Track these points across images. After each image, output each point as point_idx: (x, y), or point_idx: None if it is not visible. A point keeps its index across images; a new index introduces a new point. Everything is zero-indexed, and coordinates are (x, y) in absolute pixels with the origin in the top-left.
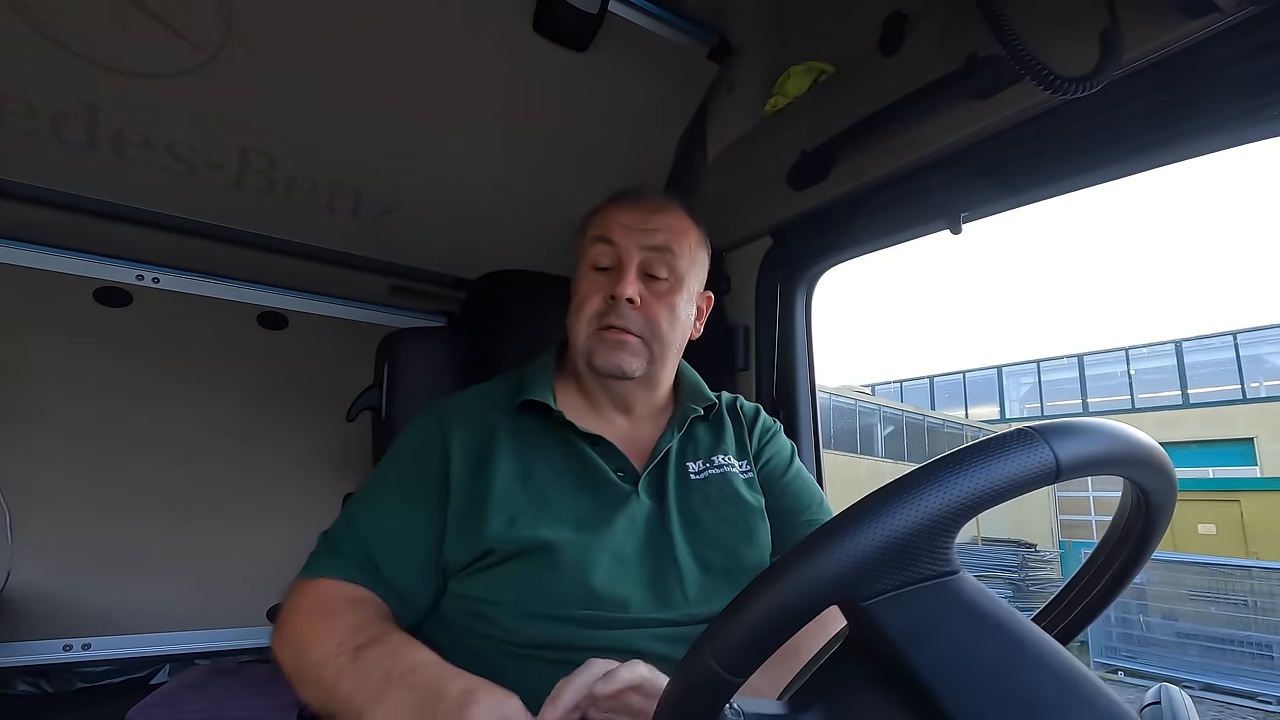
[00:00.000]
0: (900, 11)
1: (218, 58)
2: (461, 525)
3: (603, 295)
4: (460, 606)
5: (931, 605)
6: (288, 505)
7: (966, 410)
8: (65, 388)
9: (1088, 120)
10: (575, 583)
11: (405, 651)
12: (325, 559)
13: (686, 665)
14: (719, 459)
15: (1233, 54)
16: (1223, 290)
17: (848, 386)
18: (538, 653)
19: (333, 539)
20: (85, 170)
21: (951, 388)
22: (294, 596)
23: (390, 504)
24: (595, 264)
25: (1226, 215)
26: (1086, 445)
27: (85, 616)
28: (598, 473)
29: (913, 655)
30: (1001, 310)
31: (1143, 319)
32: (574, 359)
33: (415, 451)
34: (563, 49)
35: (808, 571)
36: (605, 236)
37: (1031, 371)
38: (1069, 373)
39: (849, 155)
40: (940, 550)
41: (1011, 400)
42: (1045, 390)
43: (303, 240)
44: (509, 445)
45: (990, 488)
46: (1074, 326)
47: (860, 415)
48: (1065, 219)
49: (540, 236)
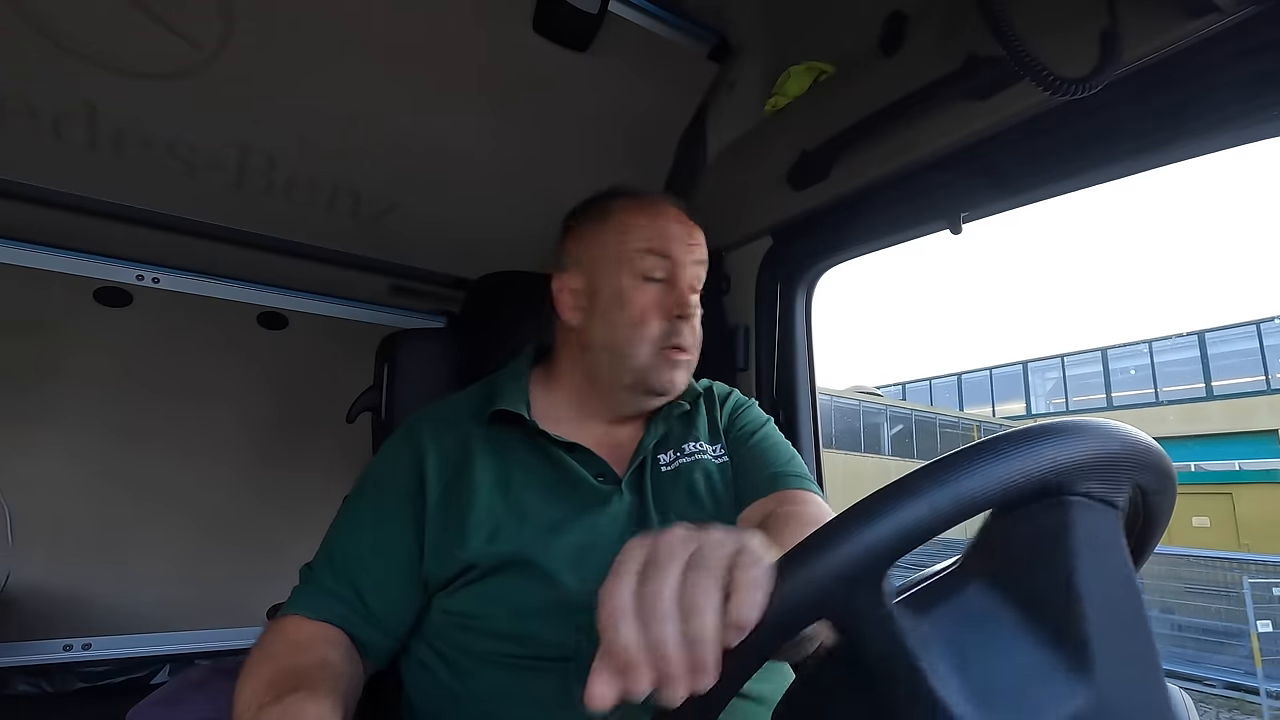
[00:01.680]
0: (900, 11)
1: (218, 58)
2: (441, 541)
3: (663, 312)
4: (445, 620)
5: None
6: (288, 505)
7: (994, 407)
8: (65, 387)
9: (1088, 120)
10: (561, 590)
11: (292, 714)
12: (300, 593)
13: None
14: (689, 446)
15: (1233, 54)
16: (1246, 279)
17: (858, 388)
18: (526, 662)
19: (313, 569)
20: (85, 170)
21: (979, 385)
22: (260, 635)
23: (365, 526)
24: (648, 275)
25: (1250, 205)
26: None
27: (85, 616)
28: (577, 480)
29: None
30: (1027, 305)
31: (1166, 310)
32: (608, 375)
33: (388, 470)
34: (563, 49)
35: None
36: (665, 251)
37: (1056, 366)
38: (1094, 367)
39: (849, 155)
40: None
41: (1037, 395)
42: (1070, 385)
43: (303, 240)
44: (485, 457)
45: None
46: (1098, 319)
47: (865, 415)
48: (1085, 212)
49: (540, 236)
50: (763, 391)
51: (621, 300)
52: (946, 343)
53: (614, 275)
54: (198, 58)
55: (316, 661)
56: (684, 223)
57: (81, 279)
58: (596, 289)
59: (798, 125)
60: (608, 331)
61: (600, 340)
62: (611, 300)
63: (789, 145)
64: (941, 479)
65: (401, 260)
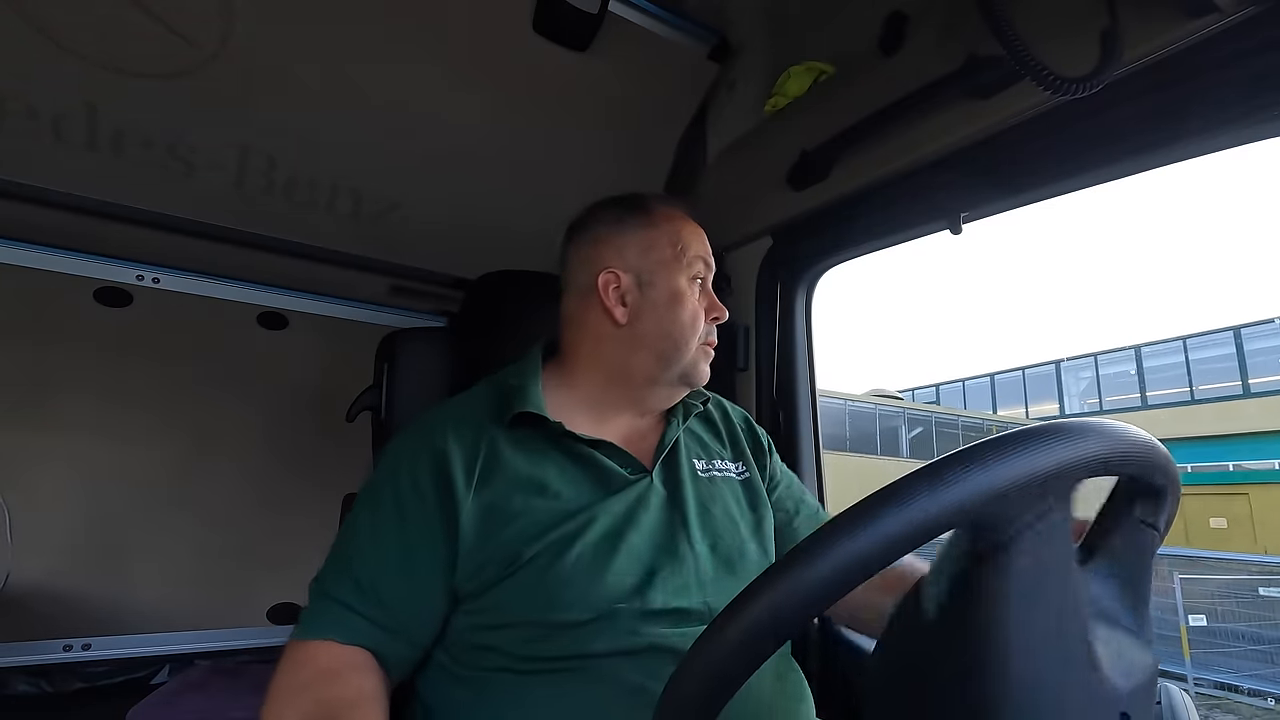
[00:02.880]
0: (900, 11)
1: (218, 58)
2: (476, 546)
3: (703, 312)
4: (469, 623)
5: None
6: (288, 505)
7: (1027, 408)
8: (65, 387)
9: (1088, 120)
10: (596, 581)
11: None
12: (321, 614)
13: None
14: (718, 463)
15: (1233, 54)
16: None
17: (878, 391)
18: (557, 663)
19: (327, 586)
20: (85, 170)
21: (1012, 385)
22: (282, 660)
23: (389, 538)
24: (698, 277)
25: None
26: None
27: (85, 616)
28: (609, 473)
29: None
30: (1059, 304)
31: (1200, 306)
32: (651, 370)
33: (409, 476)
34: (563, 49)
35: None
36: (707, 258)
37: (1089, 365)
38: (1127, 365)
39: (849, 155)
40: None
41: (1070, 395)
42: (1104, 384)
43: (303, 240)
44: (514, 459)
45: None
46: (1131, 315)
47: (882, 419)
48: (1123, 204)
49: (540, 236)
50: (763, 391)
51: (680, 299)
52: (979, 343)
53: (670, 276)
54: (198, 58)
55: (355, 694)
56: (700, 228)
57: (81, 279)
58: (651, 286)
59: (798, 125)
60: (663, 327)
61: (652, 336)
62: (669, 299)
63: (789, 145)
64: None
65: (401, 260)
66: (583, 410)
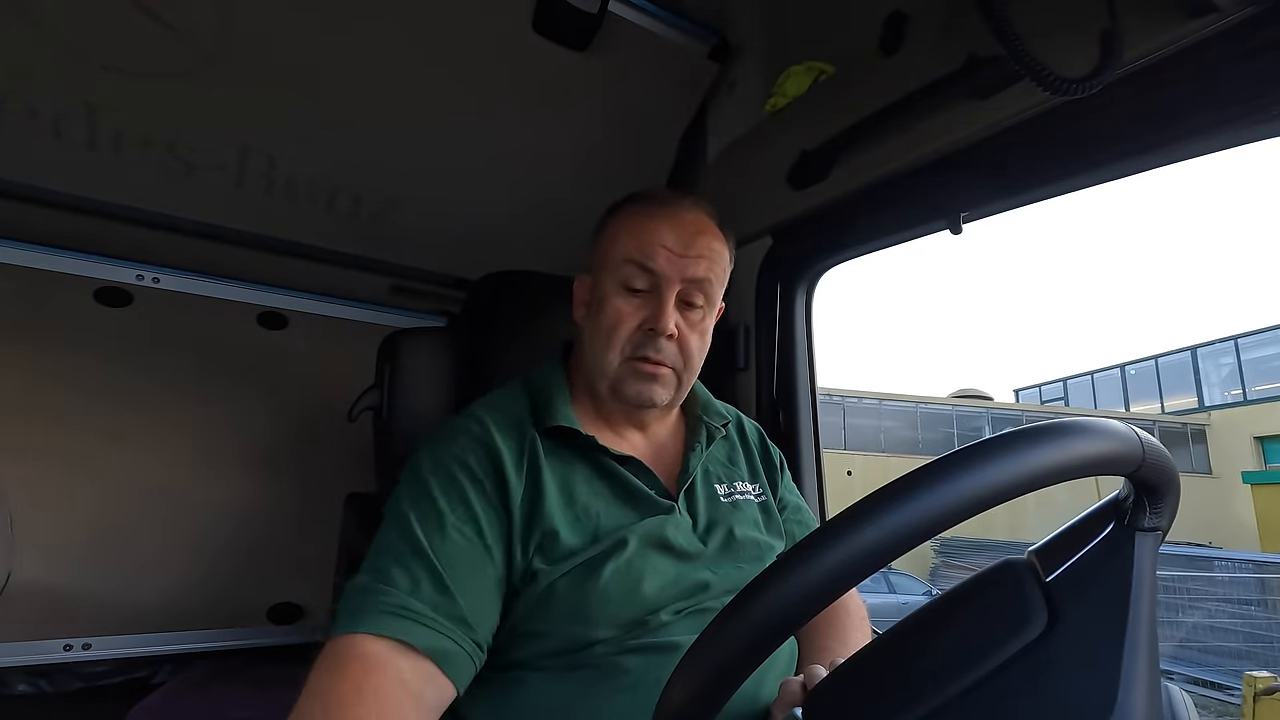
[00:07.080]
0: (900, 11)
1: (218, 58)
2: (523, 551)
3: (637, 324)
4: (507, 629)
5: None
6: (288, 505)
7: (1162, 402)
8: (65, 387)
9: (1088, 120)
10: (622, 599)
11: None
12: (383, 609)
13: None
14: (738, 485)
15: (1233, 54)
16: None
17: (963, 392)
18: (586, 674)
19: (390, 577)
20: (85, 170)
21: (1145, 376)
22: (338, 664)
23: (456, 539)
24: (627, 285)
25: None
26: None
27: (85, 616)
28: (638, 493)
29: None
30: (1155, 289)
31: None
32: (592, 379)
33: (460, 466)
34: (563, 49)
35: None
36: (645, 264)
37: (1230, 350)
38: (1275, 347)
39: (849, 155)
40: None
41: (1210, 385)
42: (1247, 371)
43: (303, 240)
44: (551, 467)
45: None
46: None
47: (960, 421)
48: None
49: (540, 236)
50: (763, 391)
51: (601, 308)
52: (1105, 331)
53: (601, 282)
54: (198, 58)
55: (438, 700)
56: (682, 230)
57: (81, 279)
58: (593, 294)
59: (798, 125)
60: (589, 338)
61: (585, 345)
62: (596, 307)
63: (789, 145)
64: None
65: (402, 260)
66: (603, 424)
